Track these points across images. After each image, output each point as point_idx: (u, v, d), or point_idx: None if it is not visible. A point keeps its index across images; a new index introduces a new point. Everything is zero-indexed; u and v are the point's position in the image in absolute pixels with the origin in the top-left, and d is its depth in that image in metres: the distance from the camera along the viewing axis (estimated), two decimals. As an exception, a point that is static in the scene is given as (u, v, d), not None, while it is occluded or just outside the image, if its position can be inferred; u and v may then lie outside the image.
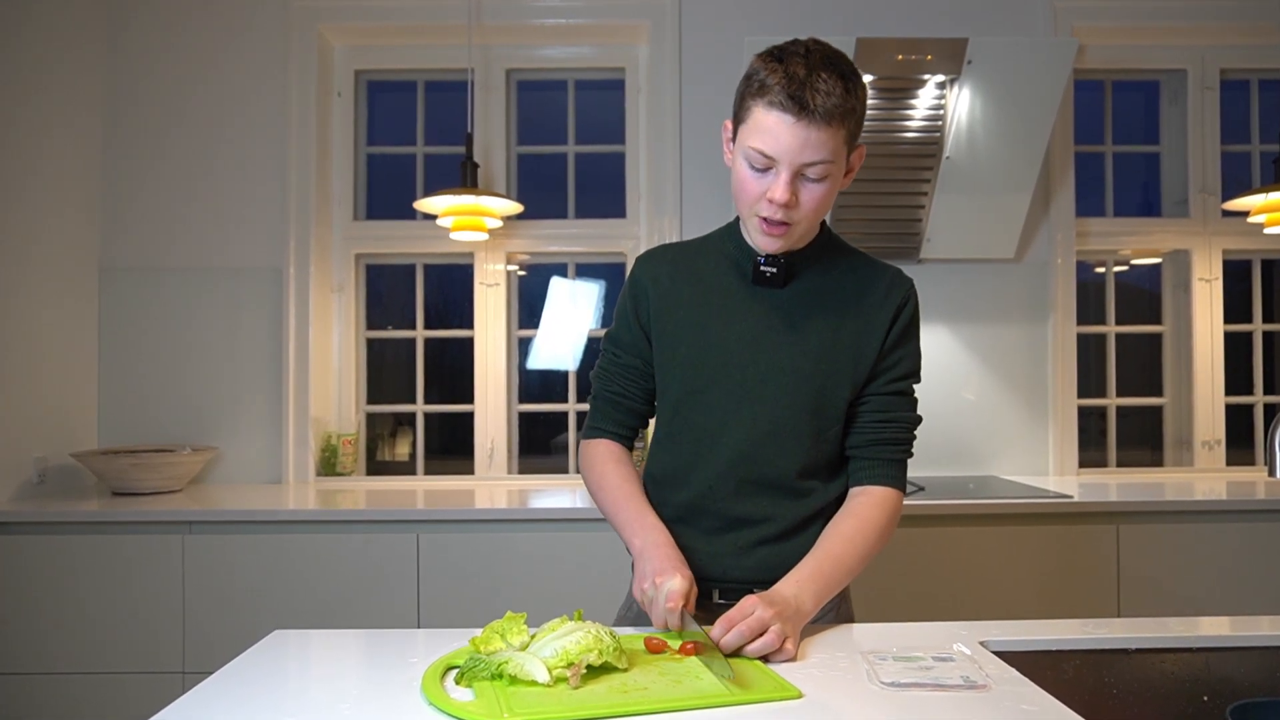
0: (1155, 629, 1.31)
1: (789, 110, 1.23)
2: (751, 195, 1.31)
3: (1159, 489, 2.79)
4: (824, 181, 1.29)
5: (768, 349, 1.39)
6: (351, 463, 3.14)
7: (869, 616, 2.41)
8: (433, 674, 1.09)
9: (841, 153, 1.29)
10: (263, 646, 1.26)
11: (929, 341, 3.06)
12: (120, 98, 3.05)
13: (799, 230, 1.34)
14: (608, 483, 1.46)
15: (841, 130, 1.26)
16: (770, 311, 1.40)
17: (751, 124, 1.28)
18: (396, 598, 2.44)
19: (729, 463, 1.39)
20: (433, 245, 3.18)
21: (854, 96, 1.27)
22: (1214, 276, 3.21)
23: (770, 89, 1.25)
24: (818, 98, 1.23)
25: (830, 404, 1.39)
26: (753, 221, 1.34)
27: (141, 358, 3.02)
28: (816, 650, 1.22)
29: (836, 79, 1.24)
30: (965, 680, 1.08)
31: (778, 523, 1.40)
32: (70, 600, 2.43)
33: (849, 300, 1.41)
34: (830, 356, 1.38)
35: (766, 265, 1.39)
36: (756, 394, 1.38)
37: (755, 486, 1.40)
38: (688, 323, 1.42)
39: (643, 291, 1.47)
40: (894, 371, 1.42)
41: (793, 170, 1.27)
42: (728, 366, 1.39)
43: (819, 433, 1.40)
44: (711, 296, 1.43)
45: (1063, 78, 2.71)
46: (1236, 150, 3.29)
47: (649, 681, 1.08)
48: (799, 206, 1.29)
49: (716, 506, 1.41)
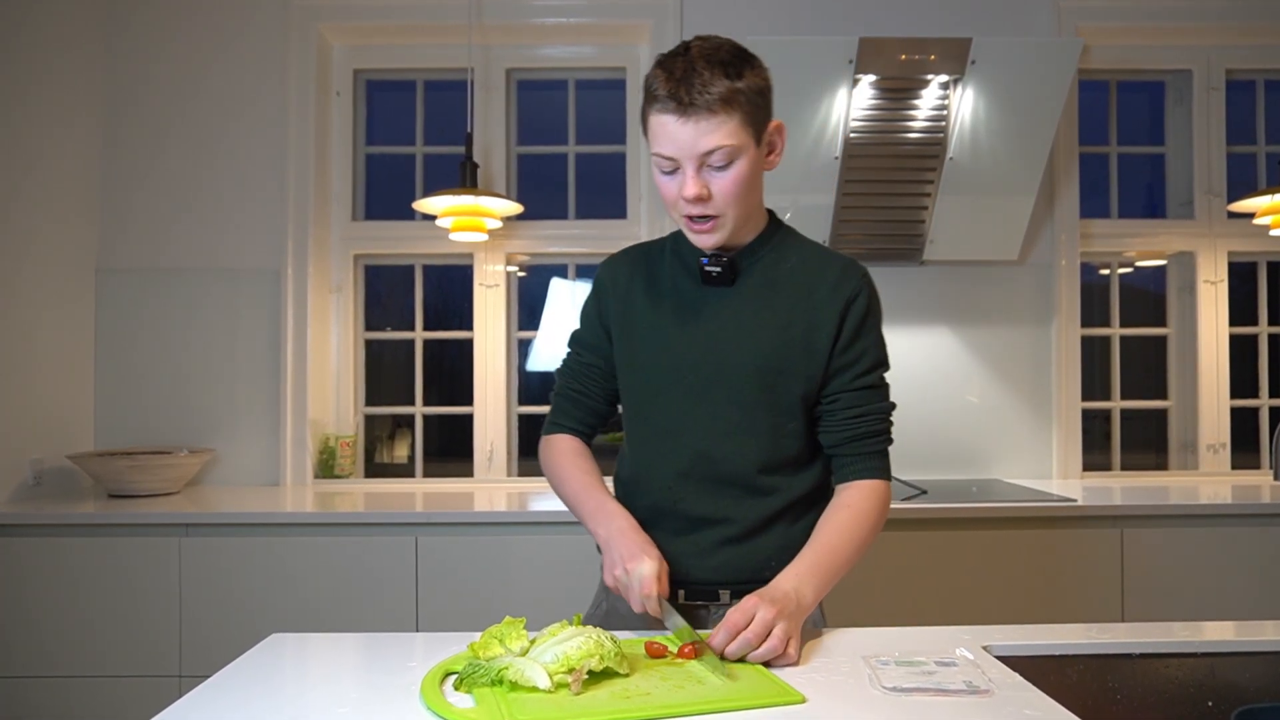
0: (1159, 634, 1.31)
1: (671, 109, 1.28)
2: (671, 198, 1.35)
3: (1163, 493, 2.79)
4: (732, 167, 1.31)
5: (719, 348, 1.40)
6: (350, 465, 3.14)
7: (870, 621, 2.41)
8: (431, 680, 1.09)
9: (742, 135, 1.30)
10: (260, 650, 1.26)
11: (932, 343, 3.08)
12: (118, 97, 3.05)
13: (728, 222, 1.36)
14: (567, 474, 1.49)
15: (734, 114, 1.29)
16: (720, 310, 1.42)
17: (651, 132, 1.33)
18: (395, 601, 2.44)
19: (689, 463, 1.41)
20: (432, 246, 3.18)
21: (741, 79, 1.30)
22: (1219, 278, 3.21)
23: (656, 94, 1.30)
24: (694, 91, 1.27)
25: (785, 399, 1.41)
26: (683, 224, 1.38)
27: (138, 359, 3.02)
28: (818, 655, 1.22)
29: (714, 69, 1.28)
30: (968, 685, 1.08)
31: (740, 523, 1.42)
32: (66, 603, 2.43)
33: (798, 294, 1.42)
34: (781, 352, 1.40)
35: (711, 265, 1.41)
36: (711, 394, 1.40)
37: (716, 486, 1.41)
38: (644, 325, 1.45)
39: (604, 293, 1.51)
40: (859, 366, 1.42)
41: (695, 164, 1.30)
42: (681, 368, 1.42)
43: (776, 429, 1.41)
44: (665, 299, 1.45)
45: (1067, 78, 2.71)
46: (1242, 151, 3.29)
47: (651, 686, 1.08)
48: (714, 198, 1.32)
49: (679, 508, 1.43)
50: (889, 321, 3.04)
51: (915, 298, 3.07)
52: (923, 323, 3.07)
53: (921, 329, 3.07)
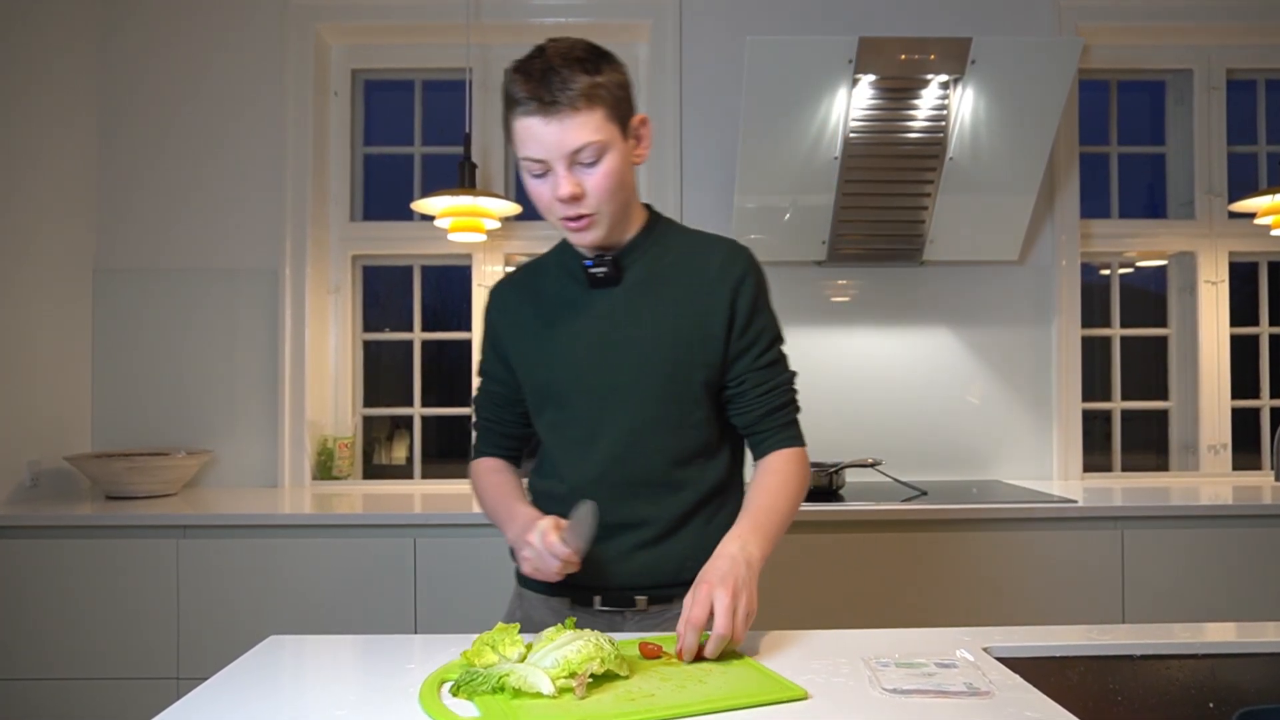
0: (1160, 635, 1.31)
1: (534, 111, 1.29)
2: (545, 201, 1.35)
3: (1164, 493, 2.79)
4: (602, 163, 1.32)
5: (616, 349, 1.42)
6: (348, 466, 3.14)
7: (870, 622, 2.41)
8: (429, 690, 1.09)
9: (609, 129, 1.32)
10: (258, 652, 1.26)
11: (932, 344, 3.09)
12: (115, 97, 3.05)
13: (605, 218, 1.36)
14: (484, 492, 1.54)
15: (597, 109, 1.30)
16: (612, 311, 1.43)
17: (516, 137, 1.33)
18: (393, 603, 2.44)
19: (601, 469, 1.43)
20: (430, 246, 3.18)
21: (600, 74, 1.31)
22: (1220, 279, 3.21)
23: (516, 98, 1.30)
24: (555, 90, 1.27)
25: (688, 390, 1.42)
26: (560, 226, 1.38)
27: (136, 360, 3.02)
28: (817, 656, 1.22)
29: (571, 66, 1.29)
30: (968, 687, 1.08)
31: (655, 525, 1.43)
32: (63, 605, 2.43)
33: (686, 283, 1.43)
34: (677, 343, 1.41)
35: (595, 267, 1.43)
36: (615, 396, 1.42)
37: (630, 488, 1.42)
38: (537, 342, 1.46)
39: (493, 323, 1.53)
40: (760, 345, 1.45)
41: (565, 163, 1.30)
42: (582, 375, 1.42)
43: (683, 420, 1.43)
44: (554, 311, 1.46)
45: (1067, 78, 2.72)
46: (1243, 151, 3.29)
47: (654, 688, 1.08)
48: (588, 195, 1.33)
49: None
50: (889, 321, 3.07)
51: (915, 298, 3.08)
52: (922, 323, 3.07)
53: (921, 330, 3.07)
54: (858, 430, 3.05)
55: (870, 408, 3.06)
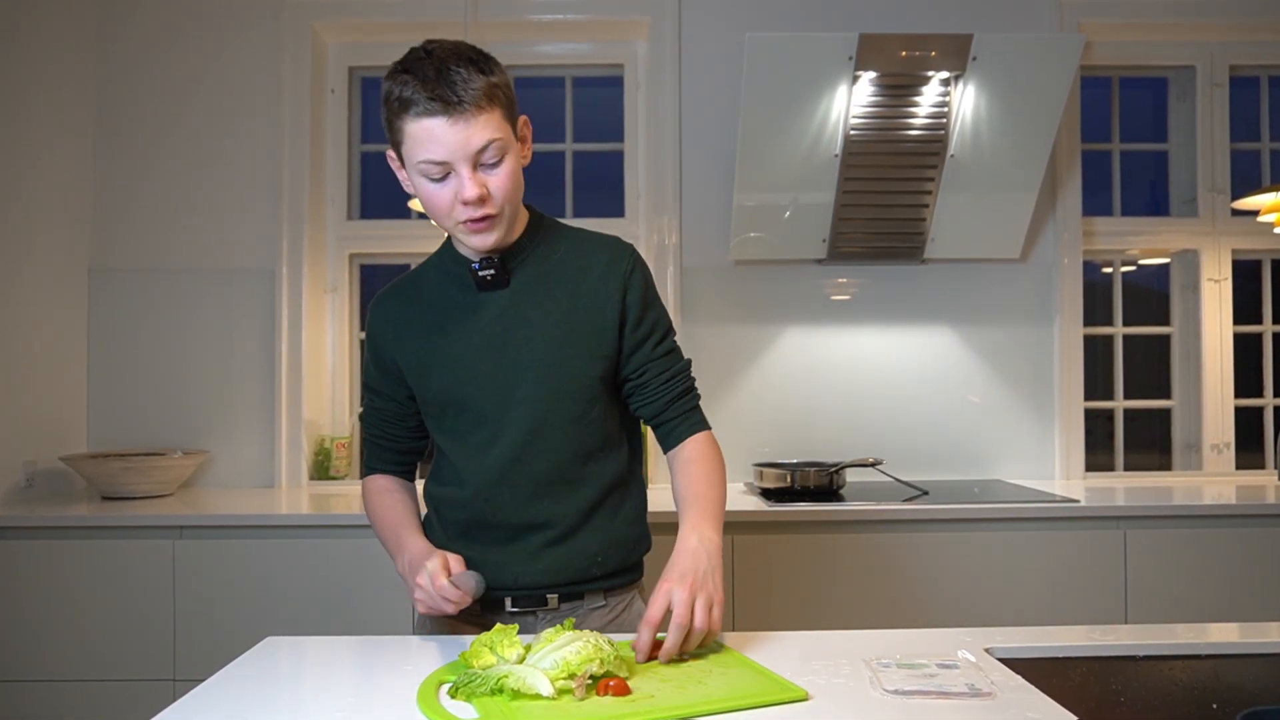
0: (1163, 635, 1.31)
1: (437, 112, 1.27)
2: (445, 205, 1.33)
3: (1167, 493, 2.79)
4: (504, 162, 1.33)
5: (510, 350, 1.42)
6: (345, 466, 3.14)
7: (871, 623, 2.41)
8: (426, 691, 1.09)
9: (506, 128, 1.33)
10: (255, 653, 1.27)
11: (933, 343, 3.09)
12: (111, 96, 3.05)
13: (504, 219, 1.37)
14: (375, 516, 1.54)
15: (495, 108, 1.31)
16: (503, 313, 1.43)
17: (410, 141, 1.30)
18: (391, 603, 2.44)
19: (502, 470, 1.42)
20: (428, 245, 3.17)
21: (492, 74, 1.31)
22: (1223, 277, 3.22)
23: (412, 100, 1.27)
24: (456, 88, 1.26)
25: (584, 385, 1.43)
26: (459, 229, 1.37)
27: (132, 360, 3.02)
28: (818, 657, 1.22)
29: (467, 65, 1.28)
30: (970, 688, 1.08)
31: (561, 522, 1.43)
32: (59, 606, 2.43)
33: (574, 280, 1.45)
34: (571, 340, 1.42)
35: (483, 270, 1.42)
36: (512, 397, 1.41)
37: (533, 487, 1.43)
38: (428, 352, 1.45)
39: (379, 337, 1.51)
40: (655, 335, 1.48)
41: (470, 164, 1.29)
42: (477, 379, 1.42)
43: (581, 415, 1.43)
44: (442, 319, 1.45)
45: (1069, 74, 2.72)
46: (1246, 148, 3.30)
47: (654, 689, 1.08)
48: (492, 195, 1.32)
49: (499, 518, 1.44)
50: (890, 319, 3.07)
51: (916, 296, 3.08)
52: (923, 322, 3.07)
53: (922, 328, 3.07)
54: (858, 430, 3.05)
55: (871, 407, 3.06)
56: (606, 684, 1.07)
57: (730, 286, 3.04)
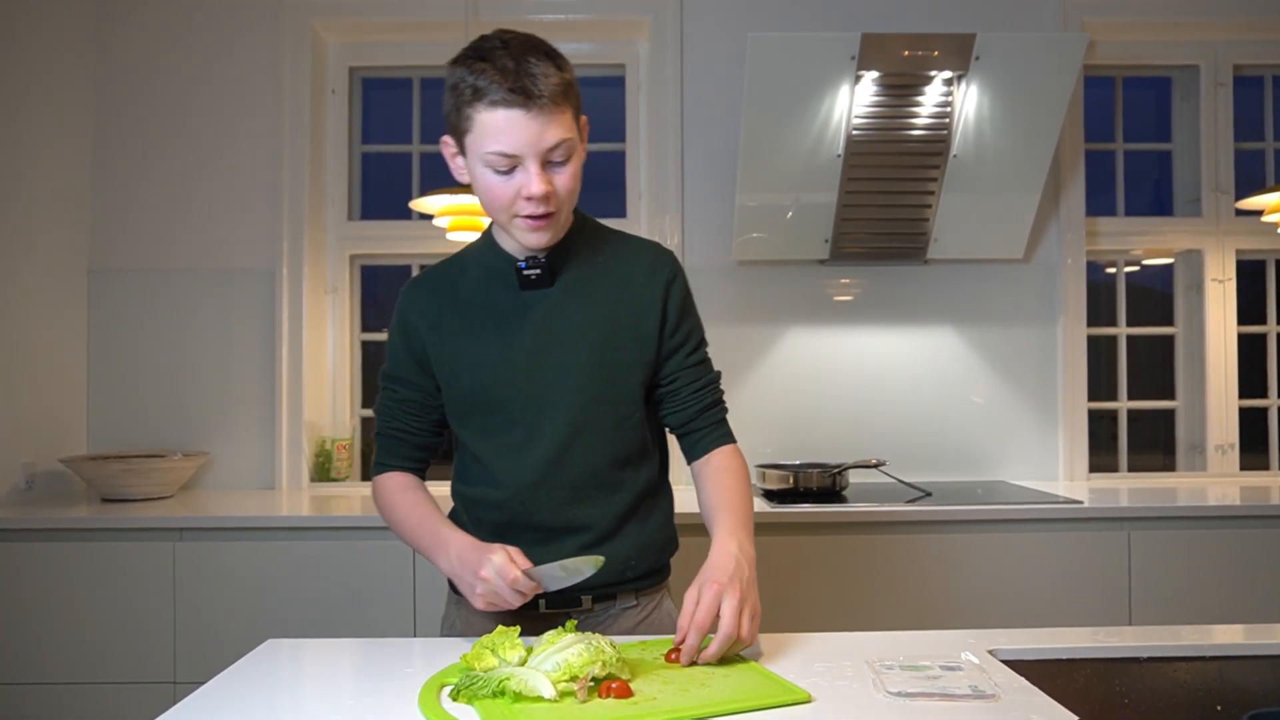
0: (1167, 637, 1.31)
1: (515, 104, 1.25)
2: (506, 199, 1.31)
3: (1171, 494, 2.79)
4: (571, 162, 1.33)
5: (550, 351, 1.40)
6: (346, 468, 3.15)
7: (874, 625, 2.41)
8: (428, 693, 1.09)
9: (575, 127, 1.33)
10: (256, 656, 1.27)
11: (935, 343, 3.09)
12: (110, 96, 3.05)
13: (562, 218, 1.37)
14: (400, 513, 1.46)
15: (568, 107, 1.30)
16: (545, 313, 1.41)
17: (479, 130, 1.28)
18: (392, 605, 2.44)
19: (539, 472, 1.41)
20: (429, 246, 3.18)
21: (566, 70, 1.32)
22: (1227, 277, 3.21)
23: (487, 90, 1.25)
24: (537, 82, 1.26)
25: (624, 390, 1.43)
26: (515, 224, 1.34)
27: (132, 361, 3.02)
28: (821, 659, 1.22)
29: (545, 60, 1.29)
30: (973, 690, 1.08)
31: (595, 526, 1.42)
32: (59, 609, 2.43)
33: (618, 283, 1.44)
34: (612, 344, 1.41)
35: (529, 268, 1.41)
36: (550, 399, 1.40)
37: (569, 490, 1.41)
38: (464, 347, 1.43)
39: (411, 327, 1.47)
40: (690, 344, 1.48)
41: (539, 160, 1.28)
42: (515, 379, 1.40)
43: (620, 421, 1.43)
44: (482, 314, 1.43)
45: (1072, 74, 2.72)
46: (1250, 148, 3.29)
47: (656, 691, 1.08)
48: (556, 194, 1.32)
49: (535, 520, 1.42)
50: (892, 320, 3.07)
51: (919, 297, 3.08)
52: (926, 322, 3.07)
53: (925, 329, 3.07)
54: (861, 431, 3.05)
55: (874, 408, 3.06)
56: (609, 686, 1.07)
57: (732, 287, 3.04)
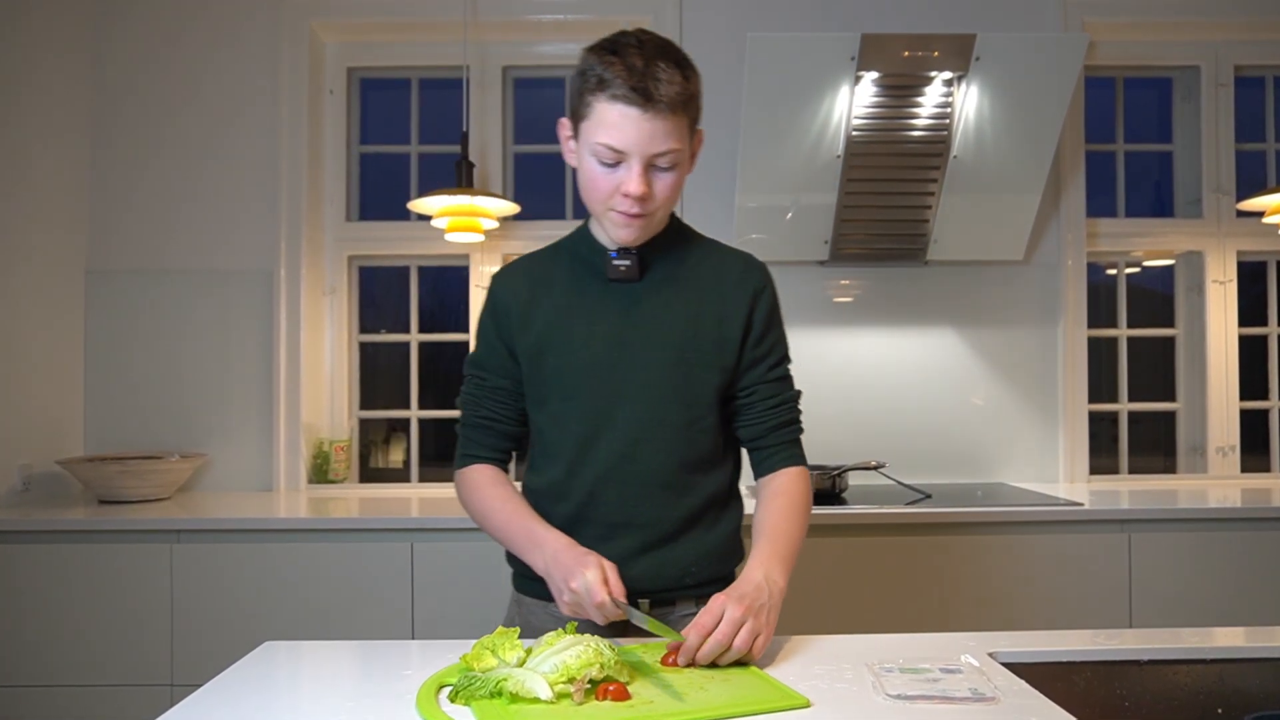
0: (1168, 640, 1.31)
1: (634, 103, 1.28)
2: (604, 191, 1.35)
3: (1172, 496, 2.79)
4: (675, 170, 1.34)
5: (631, 344, 1.42)
6: (344, 470, 3.15)
7: (874, 627, 2.41)
8: (427, 694, 1.09)
9: (687, 139, 1.35)
10: (253, 658, 1.27)
11: (935, 345, 3.09)
12: (107, 96, 3.05)
13: (655, 220, 1.39)
14: (490, 507, 1.48)
15: (685, 118, 1.33)
16: (630, 307, 1.43)
17: (595, 119, 1.31)
18: (390, 608, 2.44)
19: (608, 466, 1.42)
20: (427, 247, 3.18)
21: (692, 82, 1.33)
22: (1228, 278, 3.22)
23: (611, 83, 1.28)
24: (660, 87, 1.27)
25: (700, 393, 1.43)
26: (609, 216, 1.38)
27: (129, 362, 3.02)
28: (820, 662, 1.22)
29: (674, 66, 1.30)
30: (973, 693, 1.09)
31: (659, 526, 1.43)
32: (55, 611, 2.43)
33: (705, 287, 1.45)
34: (693, 345, 1.42)
35: (620, 259, 1.43)
36: (626, 392, 1.41)
37: (637, 488, 1.42)
38: (550, 332, 1.45)
39: (504, 310, 1.49)
40: (772, 358, 1.48)
41: (644, 161, 1.31)
42: (595, 368, 1.42)
43: (692, 423, 1.43)
44: (570, 301, 1.45)
45: (1073, 74, 2.72)
46: (1251, 149, 3.29)
47: (653, 695, 1.08)
48: (653, 197, 1.34)
49: (598, 514, 1.43)
50: (892, 321, 3.07)
51: (918, 298, 3.08)
52: (926, 324, 3.08)
53: (925, 330, 3.07)
54: (861, 432, 3.05)
55: (873, 409, 3.06)
56: (606, 688, 1.07)
57: (731, 288, 3.03)
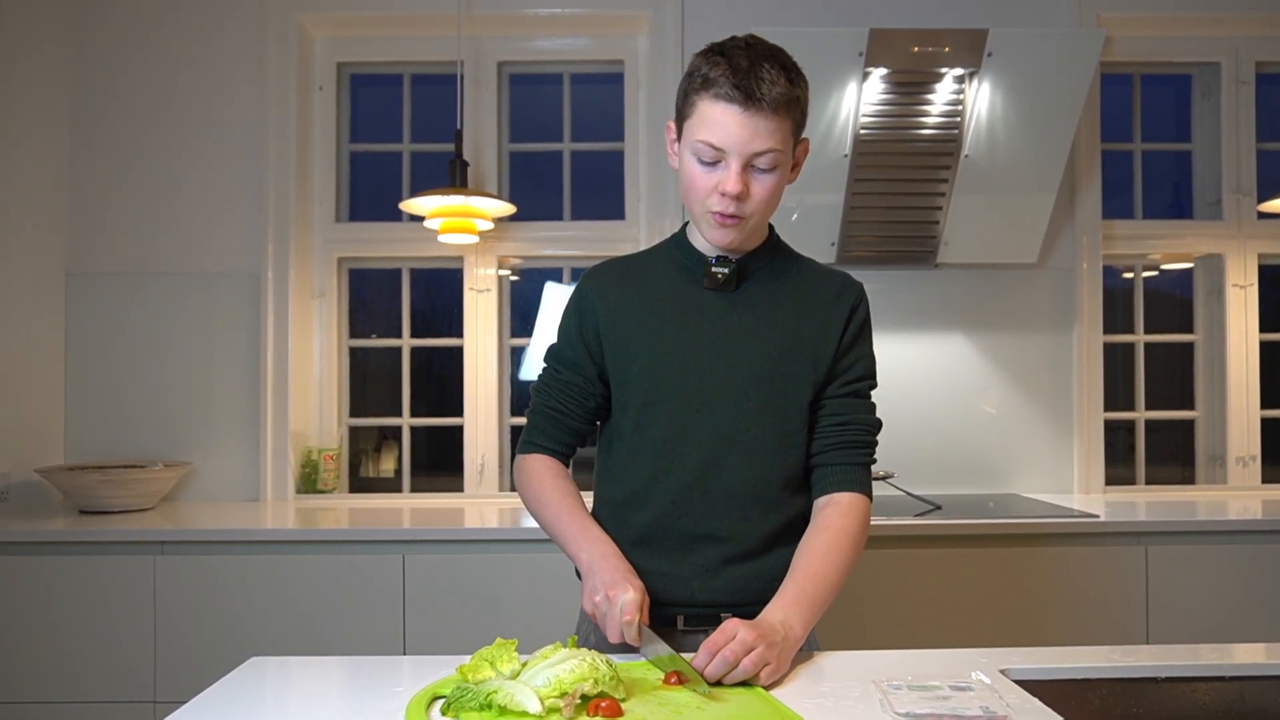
0: (1186, 656, 1.31)
1: (735, 100, 1.31)
2: (703, 190, 1.37)
3: (1190, 508, 2.79)
4: (774, 172, 1.36)
5: (725, 353, 1.43)
6: (333, 479, 3.15)
7: (882, 643, 2.41)
8: (417, 705, 1.09)
9: (789, 143, 1.37)
10: (239, 674, 1.27)
11: (946, 351, 3.09)
12: (88, 92, 3.06)
13: (751, 224, 1.40)
14: (547, 497, 1.50)
15: (788, 120, 1.34)
16: (724, 315, 1.45)
17: (698, 118, 1.35)
18: (381, 622, 2.44)
19: (693, 474, 1.43)
20: (420, 248, 3.19)
21: (797, 87, 1.35)
22: (1249, 282, 3.22)
23: (715, 81, 1.32)
24: (763, 86, 1.30)
25: (792, 407, 1.44)
26: (705, 217, 1.40)
27: (111, 368, 3.03)
28: (827, 678, 1.22)
29: (779, 69, 1.33)
30: (985, 711, 1.09)
31: (744, 540, 1.43)
32: (35, 624, 2.43)
33: (803, 301, 1.47)
34: (789, 358, 1.43)
35: (718, 266, 1.45)
36: (716, 400, 1.42)
37: (721, 499, 1.42)
38: (641, 334, 1.46)
39: (590, 307, 1.51)
40: (849, 374, 1.48)
41: (743, 160, 1.33)
42: (685, 374, 1.43)
43: (782, 438, 1.44)
44: (663, 305, 1.47)
45: (1088, 71, 2.73)
46: (1273, 148, 3.30)
47: (648, 712, 1.08)
48: (750, 198, 1.36)
49: (680, 524, 1.43)
50: (901, 326, 3.07)
51: (929, 302, 3.08)
52: (936, 329, 3.08)
53: (935, 335, 3.08)
54: (869, 441, 3.05)
55: (882, 417, 3.05)
56: (598, 704, 1.07)
57: (735, 292, 3.03)
